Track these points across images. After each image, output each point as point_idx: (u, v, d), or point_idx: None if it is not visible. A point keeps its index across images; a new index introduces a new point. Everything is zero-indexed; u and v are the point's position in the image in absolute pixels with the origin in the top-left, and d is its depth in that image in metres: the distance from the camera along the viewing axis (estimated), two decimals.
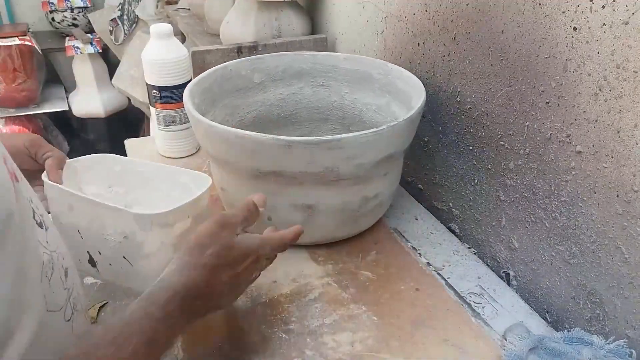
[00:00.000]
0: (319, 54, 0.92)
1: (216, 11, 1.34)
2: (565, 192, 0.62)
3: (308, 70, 0.91)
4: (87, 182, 0.70)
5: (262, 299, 0.67)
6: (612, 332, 0.60)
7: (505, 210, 0.73)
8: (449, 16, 0.76)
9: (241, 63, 0.88)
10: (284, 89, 0.92)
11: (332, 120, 0.94)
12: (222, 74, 0.85)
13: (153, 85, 0.94)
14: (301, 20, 1.17)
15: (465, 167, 0.79)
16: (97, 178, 0.71)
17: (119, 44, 2.22)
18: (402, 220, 0.84)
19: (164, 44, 0.92)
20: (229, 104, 0.87)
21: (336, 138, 0.64)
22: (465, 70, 0.75)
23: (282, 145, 0.64)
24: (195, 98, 0.77)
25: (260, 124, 0.91)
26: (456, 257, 0.77)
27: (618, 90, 0.53)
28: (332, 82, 0.92)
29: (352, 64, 0.89)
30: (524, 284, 0.72)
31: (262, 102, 0.91)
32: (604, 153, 0.56)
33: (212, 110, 0.82)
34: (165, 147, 1.00)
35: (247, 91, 0.89)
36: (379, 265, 0.73)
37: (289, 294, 0.68)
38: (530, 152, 0.66)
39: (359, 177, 0.70)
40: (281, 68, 0.91)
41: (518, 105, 0.67)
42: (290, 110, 0.94)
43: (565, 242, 0.64)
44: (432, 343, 0.61)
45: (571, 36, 0.57)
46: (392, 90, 0.84)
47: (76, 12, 2.70)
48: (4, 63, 2.35)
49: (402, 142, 0.72)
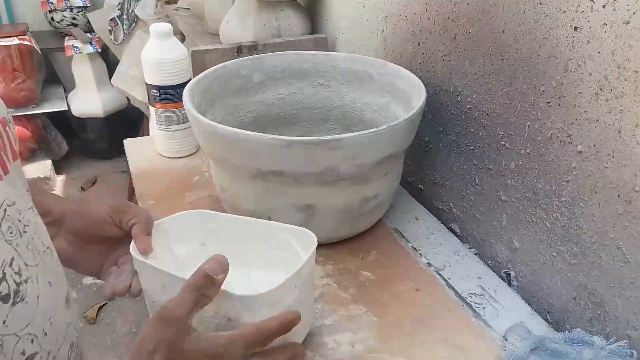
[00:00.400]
0: (319, 53, 0.91)
1: (216, 11, 1.34)
2: (566, 192, 0.62)
3: (308, 70, 0.91)
4: (177, 242, 0.63)
5: None
6: (613, 332, 0.59)
7: (506, 210, 0.73)
8: (450, 15, 0.76)
9: (241, 63, 0.88)
10: (284, 89, 0.92)
11: (332, 120, 0.94)
12: (221, 74, 0.85)
13: (152, 84, 0.94)
14: (301, 20, 1.17)
15: (465, 167, 0.79)
16: (188, 237, 0.64)
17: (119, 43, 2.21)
18: (403, 221, 0.84)
19: (163, 44, 0.92)
20: (229, 103, 0.86)
21: (336, 138, 0.64)
22: (466, 70, 0.75)
23: (282, 145, 0.64)
24: (195, 98, 0.76)
25: (260, 123, 0.90)
26: (457, 257, 0.76)
27: (619, 89, 0.53)
28: (332, 81, 0.91)
29: (352, 63, 0.89)
30: (524, 284, 0.72)
31: (261, 102, 0.91)
32: (605, 153, 0.56)
33: (212, 110, 0.82)
34: (164, 147, 1.00)
35: (247, 91, 0.89)
36: (379, 266, 0.73)
37: None
38: (531, 152, 0.66)
39: (359, 177, 0.69)
40: (281, 68, 0.90)
41: (519, 105, 0.67)
42: (290, 110, 0.93)
43: (566, 243, 0.64)
44: (432, 343, 0.61)
45: (572, 36, 0.57)
46: (392, 90, 0.84)
47: (75, 11, 2.70)
48: (3, 63, 2.35)
49: (403, 142, 0.72)
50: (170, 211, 0.83)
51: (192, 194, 0.89)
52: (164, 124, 0.97)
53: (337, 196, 0.71)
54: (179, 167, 0.97)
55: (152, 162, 0.99)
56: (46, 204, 0.55)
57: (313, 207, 0.71)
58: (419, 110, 0.71)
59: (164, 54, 0.92)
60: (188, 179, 0.93)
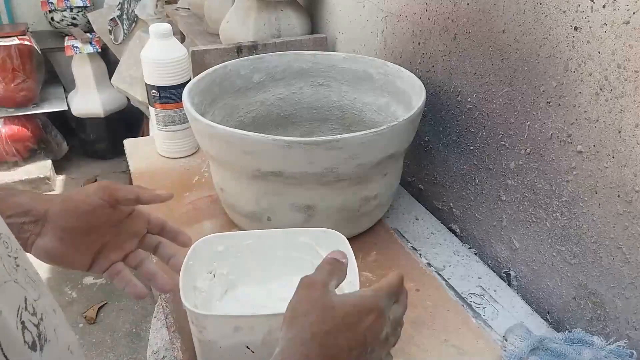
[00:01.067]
0: (319, 53, 0.91)
1: (216, 11, 1.34)
2: (566, 192, 0.62)
3: (308, 70, 0.91)
4: (197, 277, 0.60)
5: None
6: (613, 332, 0.59)
7: (506, 210, 0.73)
8: (450, 15, 0.76)
9: (241, 63, 0.87)
10: (284, 89, 0.92)
11: (332, 120, 0.94)
12: (221, 74, 0.85)
13: (152, 85, 0.94)
14: (301, 20, 1.17)
15: (465, 167, 0.79)
16: (204, 267, 0.61)
17: (119, 43, 2.22)
18: (403, 221, 0.84)
19: (163, 44, 0.92)
20: (228, 103, 0.86)
21: (336, 138, 0.64)
22: (466, 70, 0.75)
23: (282, 145, 0.63)
24: (195, 98, 0.76)
25: (259, 124, 0.90)
26: (457, 257, 0.76)
27: (619, 89, 0.53)
28: (332, 81, 0.91)
29: (352, 63, 0.89)
30: (524, 284, 0.72)
31: (261, 102, 0.91)
32: (605, 153, 0.56)
33: (212, 110, 0.82)
34: (164, 147, 1.00)
35: (247, 91, 0.89)
36: (379, 266, 0.73)
37: None
38: (531, 152, 0.66)
39: (359, 177, 0.69)
40: (281, 68, 0.90)
41: (519, 105, 0.67)
42: (290, 110, 0.93)
43: (566, 243, 0.64)
44: (432, 344, 0.61)
45: (572, 36, 0.57)
46: (392, 90, 0.84)
47: (75, 11, 2.70)
48: (3, 63, 2.35)
49: (402, 142, 0.72)
50: (170, 211, 0.83)
51: (192, 194, 0.89)
52: (164, 124, 0.97)
53: (337, 196, 0.71)
54: (179, 167, 0.97)
55: (152, 162, 0.99)
56: (24, 203, 0.53)
57: (313, 208, 0.71)
58: (419, 110, 0.71)
59: (164, 54, 0.91)
60: (188, 179, 0.93)
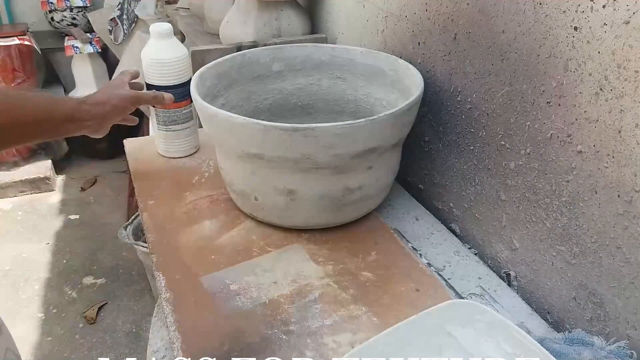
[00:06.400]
0: (338, 47, 0.94)
1: (216, 11, 1.34)
2: (566, 192, 0.62)
3: (327, 63, 0.94)
4: None
5: (262, 300, 0.67)
6: (613, 332, 0.59)
7: (506, 210, 0.73)
8: (450, 16, 0.76)
9: (260, 51, 0.91)
10: (303, 79, 0.95)
11: (346, 112, 0.95)
12: (240, 61, 0.89)
13: (152, 84, 0.94)
14: (301, 20, 1.17)
15: (465, 167, 0.79)
16: None
17: (119, 43, 2.21)
18: (403, 221, 0.84)
19: (163, 44, 0.92)
20: (245, 89, 0.90)
21: (311, 126, 0.66)
22: (466, 70, 0.75)
23: (260, 129, 0.67)
24: (207, 80, 0.81)
25: (276, 111, 0.94)
26: (457, 257, 0.76)
27: (619, 89, 0.53)
28: (348, 75, 0.93)
29: (368, 58, 0.90)
30: (524, 284, 0.72)
31: (279, 90, 0.94)
32: (605, 153, 0.56)
33: (226, 94, 0.86)
34: (164, 147, 1.00)
35: (265, 79, 0.92)
36: (380, 266, 0.73)
37: (289, 294, 0.68)
38: (531, 152, 0.66)
39: (337, 167, 0.71)
40: (300, 59, 0.93)
41: (519, 105, 0.67)
42: (307, 100, 0.96)
43: (566, 242, 0.64)
44: None
45: (572, 36, 0.57)
46: (400, 87, 0.85)
47: (75, 11, 2.70)
48: (3, 63, 2.35)
49: (386, 137, 0.72)
50: (170, 211, 0.84)
51: (192, 194, 0.89)
52: (164, 124, 0.97)
53: (318, 183, 0.73)
54: (179, 167, 0.97)
55: (152, 162, 0.99)
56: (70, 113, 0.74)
57: (294, 192, 0.73)
58: (406, 107, 0.71)
59: (164, 54, 0.91)
60: (188, 179, 0.93)
